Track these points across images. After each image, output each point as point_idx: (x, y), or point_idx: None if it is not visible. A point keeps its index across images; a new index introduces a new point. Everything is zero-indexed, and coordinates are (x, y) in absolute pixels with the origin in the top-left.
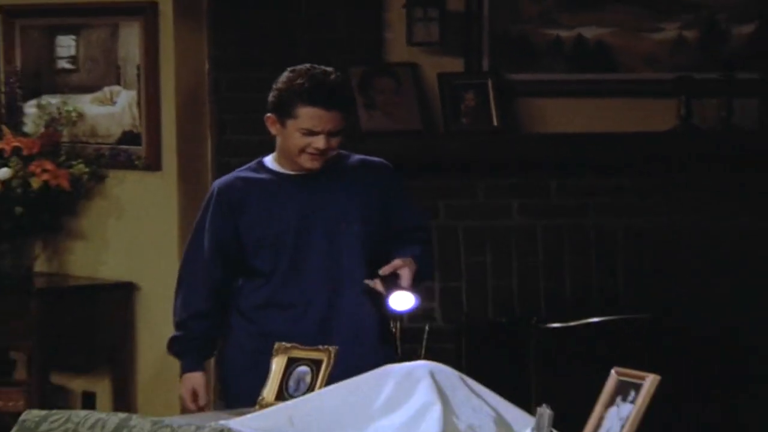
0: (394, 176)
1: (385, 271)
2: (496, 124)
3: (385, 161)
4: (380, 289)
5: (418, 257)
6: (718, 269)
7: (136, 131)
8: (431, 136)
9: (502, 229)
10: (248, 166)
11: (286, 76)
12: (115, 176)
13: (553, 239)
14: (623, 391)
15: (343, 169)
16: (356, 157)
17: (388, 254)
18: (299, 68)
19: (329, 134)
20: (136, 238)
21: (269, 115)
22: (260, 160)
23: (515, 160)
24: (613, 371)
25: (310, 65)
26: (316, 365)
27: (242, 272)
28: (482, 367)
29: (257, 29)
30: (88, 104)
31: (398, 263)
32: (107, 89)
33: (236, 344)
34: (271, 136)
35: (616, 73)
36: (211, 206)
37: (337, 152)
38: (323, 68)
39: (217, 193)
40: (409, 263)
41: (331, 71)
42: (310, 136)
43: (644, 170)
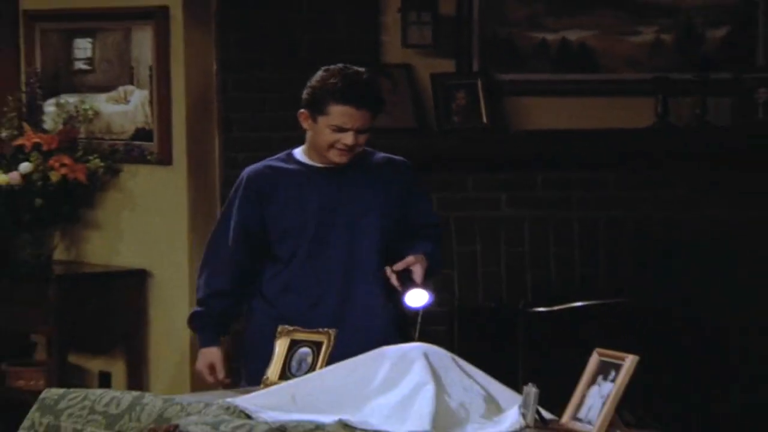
0: (413, 175)
1: (398, 267)
2: (485, 121)
3: (406, 160)
4: (395, 283)
5: (429, 254)
6: (691, 257)
7: (148, 128)
8: (425, 133)
9: (491, 220)
10: (278, 156)
11: (320, 75)
12: (128, 170)
13: (538, 230)
14: (604, 370)
15: (367, 165)
16: (381, 154)
17: (400, 248)
18: (333, 68)
19: (358, 131)
20: (148, 228)
21: (302, 110)
22: (290, 151)
23: (504, 155)
24: (594, 352)
25: (343, 65)
26: (317, 347)
27: (265, 257)
28: (473, 348)
29: (262, 33)
30: (103, 103)
31: (411, 260)
32: (121, 89)
33: (257, 328)
34: (302, 130)
35: (597, 73)
36: (239, 192)
37: (363, 149)
38: (356, 69)
39: (246, 180)
40: (420, 260)
41: (363, 72)
42: (339, 132)
43: (624, 165)
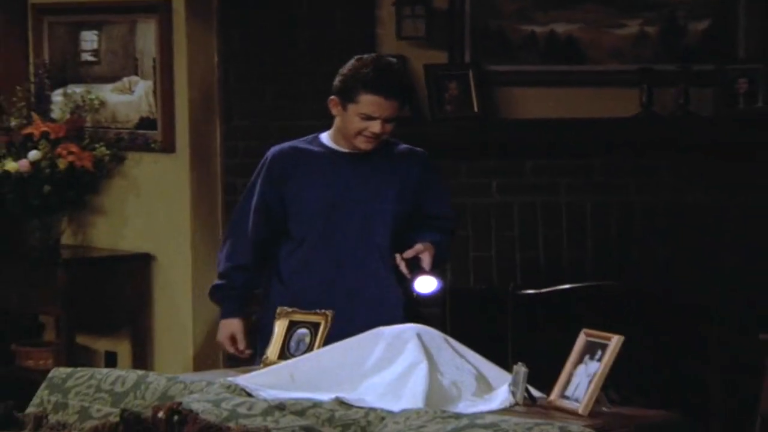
0: (431, 166)
1: (408, 254)
2: (476, 111)
3: (425, 152)
4: (404, 270)
5: (436, 243)
6: (674, 242)
7: (152, 117)
8: (419, 121)
9: (482, 205)
10: (304, 138)
11: (352, 63)
12: (133, 158)
13: (528, 215)
14: (591, 350)
15: (389, 153)
16: (403, 145)
17: (409, 237)
18: (365, 58)
19: (385, 120)
20: (152, 213)
21: (333, 97)
22: (317, 135)
23: (494, 143)
24: (582, 332)
25: (376, 55)
26: (314, 327)
27: (282, 235)
28: (464, 329)
29: (262, 25)
30: (109, 93)
31: (420, 247)
32: (126, 79)
33: (272, 308)
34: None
35: (584, 64)
36: (263, 171)
37: (387, 139)
38: (387, 59)
39: (270, 158)
40: (429, 247)
41: (394, 62)
42: (368, 120)
43: (610, 153)
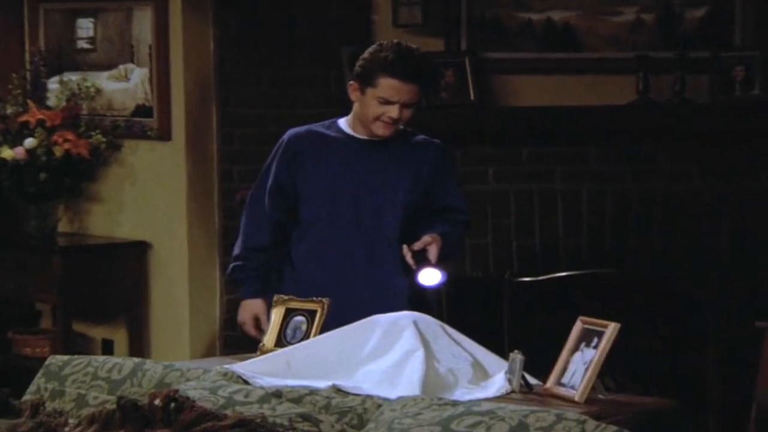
0: (446, 157)
1: (417, 246)
2: (473, 98)
3: (441, 143)
4: (410, 261)
5: (444, 235)
6: (671, 228)
7: (148, 105)
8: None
9: (478, 193)
10: (322, 123)
11: (373, 48)
12: (129, 146)
13: (524, 202)
14: (587, 337)
15: (406, 142)
16: (421, 135)
17: (418, 228)
18: (386, 43)
19: (403, 105)
20: (148, 201)
21: (352, 82)
22: (335, 120)
23: (490, 131)
24: (578, 320)
25: (397, 41)
26: (311, 315)
27: (295, 218)
28: (461, 317)
29: (258, 12)
30: (105, 80)
31: (427, 239)
32: (122, 67)
33: (285, 293)
34: (350, 102)
35: (581, 52)
36: (279, 152)
37: (404, 129)
38: (408, 45)
39: (287, 141)
40: (436, 240)
41: (414, 48)
42: (386, 105)
43: (606, 140)
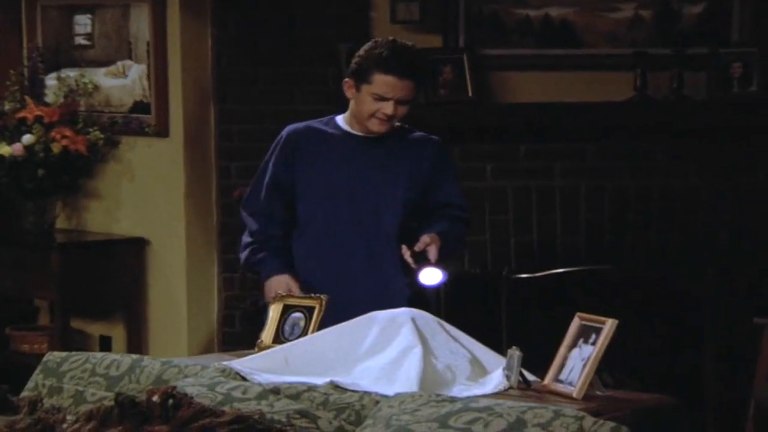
0: (444, 154)
1: (418, 247)
2: (471, 95)
3: (439, 140)
4: (409, 260)
5: (443, 233)
6: (669, 225)
7: (146, 101)
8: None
9: (476, 189)
10: (320, 119)
11: (368, 45)
12: (127, 142)
13: (522, 198)
14: (585, 334)
15: (403, 139)
16: (418, 132)
17: (417, 226)
18: (381, 40)
19: (398, 102)
20: (146, 197)
21: (347, 80)
22: (332, 117)
23: (488, 127)
24: (576, 316)
25: (392, 38)
26: (309, 311)
27: (293, 216)
28: (459, 313)
29: (255, 9)
30: (102, 77)
31: (426, 240)
32: (120, 63)
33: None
34: (345, 100)
35: (579, 48)
36: (277, 148)
37: (401, 126)
38: (403, 42)
39: (285, 136)
40: (435, 239)
41: (409, 45)
42: (380, 101)
43: (604, 136)
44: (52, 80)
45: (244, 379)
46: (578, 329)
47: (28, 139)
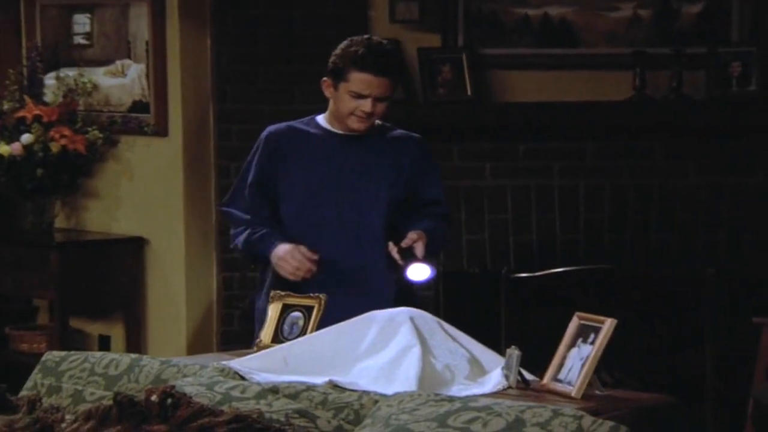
0: (426, 151)
1: (404, 244)
2: (470, 94)
3: (420, 137)
4: (396, 257)
5: (429, 230)
6: (668, 224)
7: (145, 100)
8: (412, 104)
9: (475, 188)
10: (301, 120)
11: (344, 44)
12: (126, 141)
13: (521, 198)
14: (584, 333)
15: (384, 137)
16: (399, 130)
17: (402, 224)
18: (357, 38)
19: (376, 99)
20: (145, 197)
21: (325, 79)
22: (313, 117)
23: (487, 126)
24: (575, 316)
25: (368, 36)
26: (308, 311)
27: (276, 216)
28: (457, 312)
29: (254, 8)
30: (101, 76)
31: (414, 236)
32: (119, 63)
33: (267, 292)
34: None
35: (578, 48)
36: (259, 149)
37: (382, 123)
38: (378, 39)
39: (266, 137)
40: (421, 236)
41: (384, 43)
42: (358, 99)
43: (603, 136)
44: (51, 80)
45: (242, 378)
46: (577, 328)
47: (27, 138)
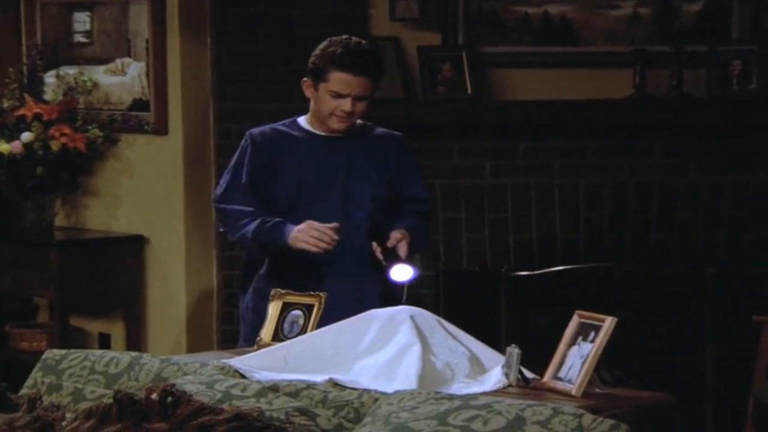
0: (408, 149)
1: (389, 244)
2: (470, 92)
3: (403, 135)
4: (380, 257)
5: (411, 229)
6: (668, 222)
7: (145, 99)
8: (412, 103)
9: (475, 187)
10: (282, 122)
11: (323, 44)
12: (126, 140)
13: (521, 196)
14: (584, 331)
15: (366, 137)
16: (381, 129)
17: (385, 223)
18: (335, 38)
19: (356, 98)
20: (145, 195)
21: (305, 79)
22: (294, 119)
23: (487, 125)
24: (575, 314)
25: (346, 36)
26: (308, 309)
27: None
28: (458, 311)
29: (255, 6)
30: (101, 74)
31: (397, 236)
32: (119, 61)
33: (258, 291)
34: (305, 99)
35: (578, 46)
36: (248, 149)
37: (364, 123)
38: (357, 39)
39: (252, 138)
40: (405, 235)
41: (363, 42)
42: (338, 99)
43: (603, 134)
44: (51, 78)
45: (243, 376)
46: (577, 327)
47: (27, 136)
